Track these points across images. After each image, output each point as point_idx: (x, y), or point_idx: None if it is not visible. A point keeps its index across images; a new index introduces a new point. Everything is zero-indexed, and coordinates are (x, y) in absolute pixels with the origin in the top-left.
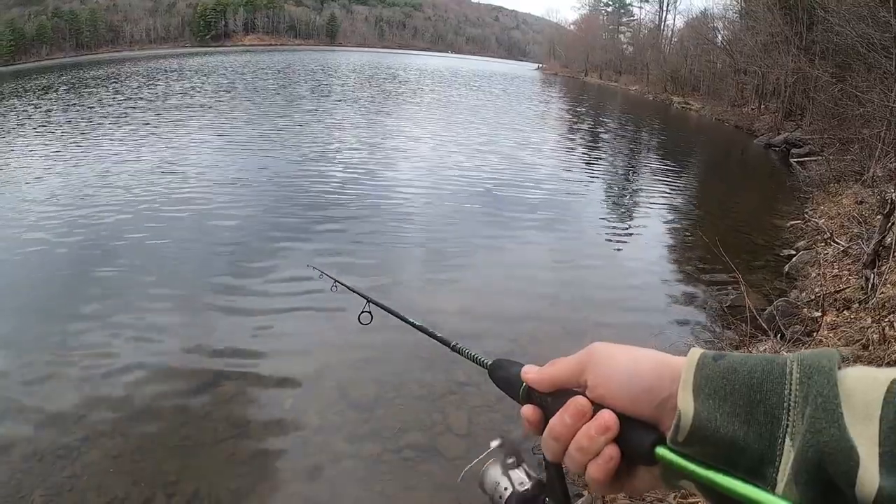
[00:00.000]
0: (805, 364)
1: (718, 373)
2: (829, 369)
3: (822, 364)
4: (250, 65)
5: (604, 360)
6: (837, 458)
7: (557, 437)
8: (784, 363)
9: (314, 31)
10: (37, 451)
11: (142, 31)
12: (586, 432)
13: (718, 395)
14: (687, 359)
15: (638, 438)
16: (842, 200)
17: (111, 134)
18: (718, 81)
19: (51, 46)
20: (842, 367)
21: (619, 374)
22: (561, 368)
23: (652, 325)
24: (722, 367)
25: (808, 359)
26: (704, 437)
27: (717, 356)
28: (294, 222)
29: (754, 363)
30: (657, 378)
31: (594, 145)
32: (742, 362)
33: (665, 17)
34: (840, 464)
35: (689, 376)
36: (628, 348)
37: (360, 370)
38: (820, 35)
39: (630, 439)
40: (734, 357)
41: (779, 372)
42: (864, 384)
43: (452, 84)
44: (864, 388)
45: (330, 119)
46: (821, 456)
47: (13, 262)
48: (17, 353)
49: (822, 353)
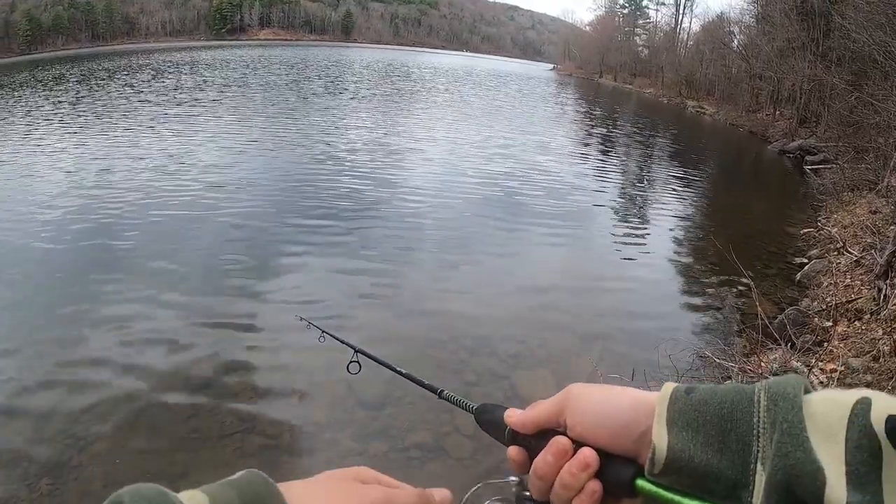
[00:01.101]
0: (771, 391)
1: (691, 406)
2: (793, 395)
3: (788, 391)
4: (263, 59)
5: (581, 401)
6: (804, 480)
7: (542, 476)
8: (752, 392)
9: (329, 27)
10: (44, 439)
11: (157, 24)
12: (568, 470)
13: (691, 426)
14: (660, 393)
15: (618, 472)
16: (855, 210)
17: (117, 127)
18: (733, 86)
19: (66, 37)
20: (810, 391)
21: (595, 412)
22: (541, 411)
23: (662, 331)
24: (694, 399)
25: (775, 386)
26: (680, 468)
27: (689, 389)
28: (297, 225)
29: (725, 393)
30: (633, 414)
31: (608, 149)
32: (713, 394)
33: (681, 20)
34: (807, 485)
35: (662, 410)
36: (604, 387)
37: (366, 366)
38: (837, 42)
39: (611, 474)
40: (705, 389)
41: (748, 400)
42: (829, 406)
43: (467, 83)
44: (828, 410)
45: (342, 119)
46: (789, 478)
47: (22, 254)
48: (26, 344)
49: (787, 380)
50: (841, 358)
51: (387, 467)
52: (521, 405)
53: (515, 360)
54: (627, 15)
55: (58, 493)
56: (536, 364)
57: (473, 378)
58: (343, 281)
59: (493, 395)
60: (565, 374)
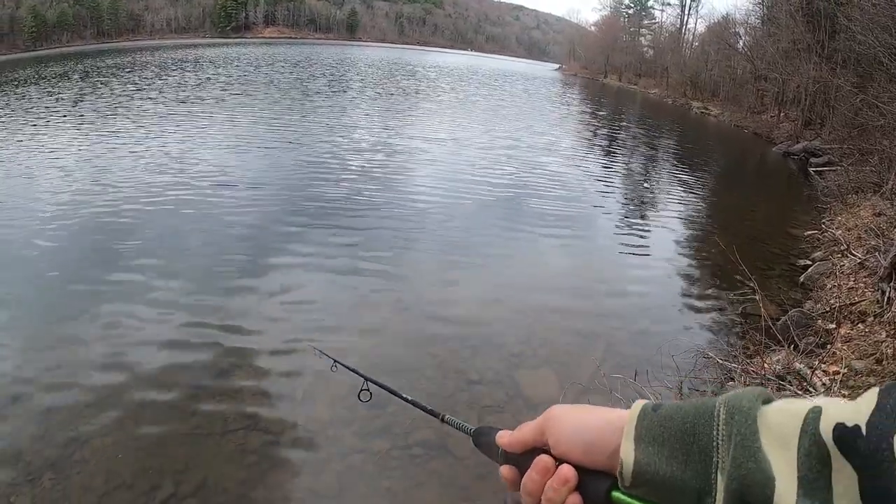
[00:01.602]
0: (729, 405)
1: (657, 421)
2: (748, 408)
3: (744, 404)
4: (268, 57)
5: (559, 421)
6: (755, 489)
7: (530, 493)
8: (713, 406)
9: (334, 26)
10: (47, 435)
11: (162, 21)
12: (551, 485)
13: (657, 441)
14: (630, 411)
15: (595, 486)
16: (859, 212)
17: (119, 125)
18: (738, 87)
19: (71, 33)
20: (771, 401)
21: (572, 432)
22: (526, 432)
23: (665, 331)
24: (660, 415)
25: (733, 400)
26: (647, 480)
27: (656, 406)
28: (302, 224)
29: (688, 409)
30: (606, 432)
31: (612, 150)
32: (678, 409)
33: (686, 21)
34: (757, 494)
35: (630, 428)
36: (581, 407)
37: (372, 366)
38: (842, 44)
39: (589, 488)
40: (671, 405)
41: (709, 415)
42: (784, 416)
43: (472, 83)
44: (783, 420)
45: (344, 118)
46: (742, 487)
47: (24, 250)
48: (30, 337)
49: (744, 394)
50: (844, 360)
51: (388, 465)
52: (524, 405)
53: (519, 360)
54: (633, 15)
55: (60, 489)
56: (540, 364)
57: (476, 377)
58: (347, 282)
59: (496, 394)
60: (569, 375)
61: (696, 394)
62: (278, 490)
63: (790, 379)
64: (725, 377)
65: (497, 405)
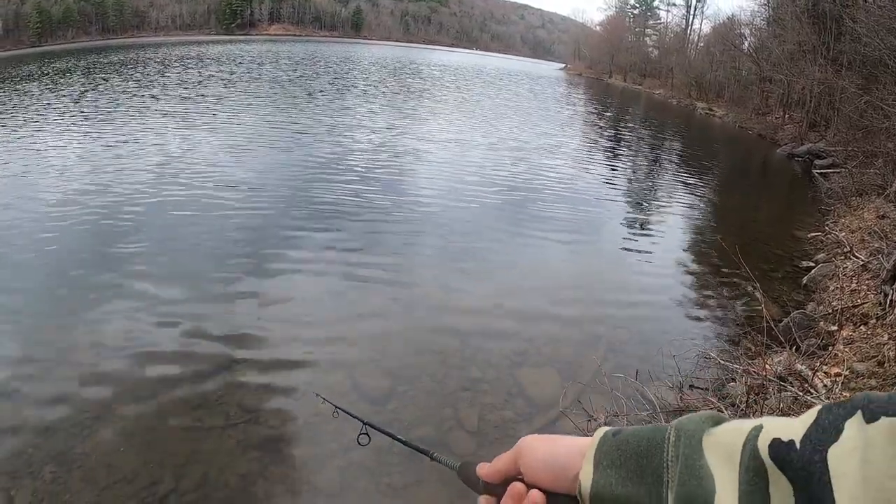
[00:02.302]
0: (679, 428)
1: (614, 445)
2: (694, 430)
3: (691, 427)
4: (272, 55)
5: (531, 450)
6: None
7: None
8: (665, 430)
9: (339, 23)
10: (49, 427)
11: (167, 18)
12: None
13: (615, 464)
14: (593, 438)
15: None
16: (863, 214)
17: (116, 122)
18: (743, 89)
19: (76, 29)
20: (722, 422)
21: (540, 459)
22: (502, 462)
23: (667, 331)
24: (618, 440)
25: (683, 424)
26: (604, 499)
27: (615, 432)
28: (305, 228)
29: (643, 433)
30: (570, 458)
31: (617, 151)
32: (634, 434)
33: (692, 22)
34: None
35: (591, 453)
36: (550, 437)
37: (374, 361)
38: (848, 46)
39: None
40: (630, 430)
41: (661, 438)
42: (731, 435)
43: (477, 82)
44: (728, 439)
45: (348, 119)
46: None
47: (30, 244)
48: (33, 331)
49: (693, 417)
50: (846, 362)
51: (391, 462)
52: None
53: (521, 358)
54: (638, 15)
55: (61, 481)
56: (543, 363)
57: (479, 374)
58: (349, 280)
59: (498, 393)
60: (570, 374)
61: (697, 393)
62: (279, 485)
63: (791, 380)
64: (727, 378)
65: (498, 404)
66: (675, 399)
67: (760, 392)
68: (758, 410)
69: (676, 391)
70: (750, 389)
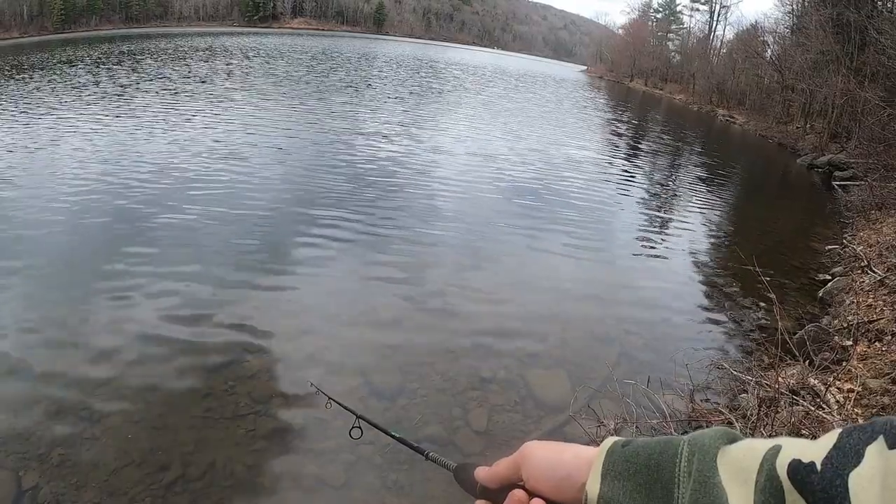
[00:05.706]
0: (693, 444)
1: (624, 457)
2: (709, 447)
3: (706, 443)
4: (294, 48)
5: (533, 457)
6: None
7: None
8: (678, 444)
9: (362, 19)
10: (60, 410)
11: (191, 8)
12: None
13: (623, 476)
14: (600, 447)
15: None
16: (882, 228)
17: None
18: (765, 97)
19: (100, 17)
20: (738, 440)
21: (543, 467)
22: (502, 468)
23: (680, 339)
24: (627, 451)
25: (697, 439)
26: None
27: (625, 443)
28: (319, 224)
29: (654, 446)
30: (576, 468)
31: (636, 156)
32: (645, 446)
33: (715, 28)
34: None
35: (598, 463)
36: (554, 444)
37: (385, 357)
38: (871, 57)
39: None
40: (639, 442)
41: (673, 452)
42: (744, 454)
43: (498, 83)
44: (743, 458)
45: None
46: None
47: (42, 235)
48: (46, 316)
49: (708, 434)
50: (859, 378)
51: (397, 460)
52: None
53: (533, 360)
54: (661, 20)
55: (69, 465)
56: (554, 365)
57: (489, 374)
58: (361, 276)
59: (508, 394)
60: (581, 377)
61: (708, 403)
62: (286, 476)
63: (804, 394)
64: (739, 389)
65: (507, 405)
66: (686, 408)
67: (772, 405)
68: (769, 423)
69: (687, 400)
70: (761, 402)
